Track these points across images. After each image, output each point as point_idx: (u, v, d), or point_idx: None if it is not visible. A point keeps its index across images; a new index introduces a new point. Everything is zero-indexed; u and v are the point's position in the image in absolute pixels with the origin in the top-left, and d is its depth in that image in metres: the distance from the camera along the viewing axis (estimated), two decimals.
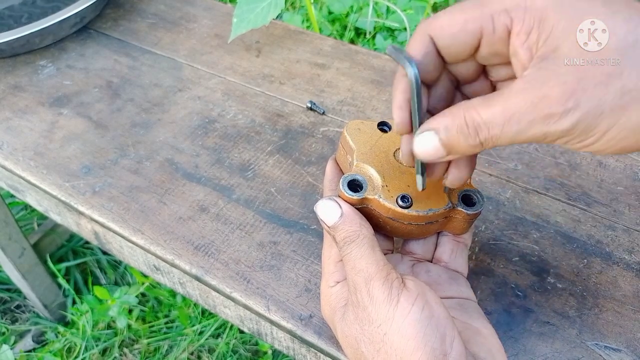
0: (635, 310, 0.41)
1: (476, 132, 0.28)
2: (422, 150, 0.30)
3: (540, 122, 0.26)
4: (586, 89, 0.25)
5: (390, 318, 0.31)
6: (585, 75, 0.25)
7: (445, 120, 0.29)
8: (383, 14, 1.33)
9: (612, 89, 0.25)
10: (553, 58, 0.26)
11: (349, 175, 0.36)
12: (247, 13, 0.65)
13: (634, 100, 0.25)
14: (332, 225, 0.34)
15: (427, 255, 0.40)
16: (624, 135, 0.25)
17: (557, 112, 0.25)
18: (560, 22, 0.26)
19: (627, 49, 0.25)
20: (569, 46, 0.26)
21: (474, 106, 0.28)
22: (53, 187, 0.53)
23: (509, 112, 0.26)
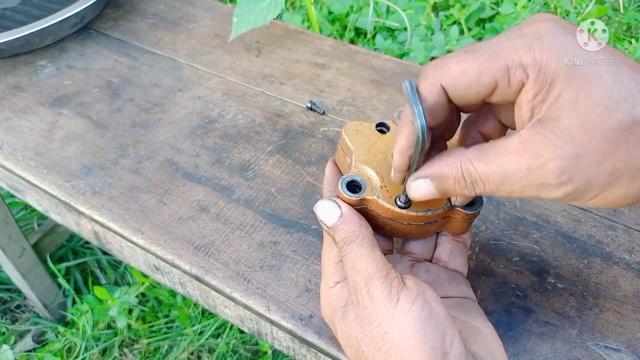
0: (635, 310, 0.41)
1: (473, 185, 0.29)
2: (416, 194, 0.32)
3: (534, 188, 0.28)
4: (580, 166, 0.27)
5: (390, 317, 0.31)
6: (582, 152, 0.26)
7: (441, 170, 0.30)
8: (383, 14, 1.33)
9: (603, 168, 0.26)
10: (552, 127, 0.27)
11: (347, 176, 0.36)
12: (247, 13, 0.65)
13: (619, 178, 0.27)
14: (332, 226, 0.34)
15: (426, 255, 0.40)
16: (605, 203, 0.28)
17: (552, 183, 0.27)
18: (567, 93, 0.26)
19: (624, 129, 0.26)
20: (569, 120, 0.26)
21: (470, 159, 0.29)
22: (53, 187, 0.53)
23: (505, 173, 0.28)
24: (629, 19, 1.34)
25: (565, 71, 0.27)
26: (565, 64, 0.27)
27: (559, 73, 0.27)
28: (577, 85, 0.26)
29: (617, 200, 0.28)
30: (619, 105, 0.26)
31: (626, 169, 0.26)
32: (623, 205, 0.28)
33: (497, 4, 1.32)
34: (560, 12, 1.30)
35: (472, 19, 1.31)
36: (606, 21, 1.35)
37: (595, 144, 0.26)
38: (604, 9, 1.20)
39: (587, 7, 1.26)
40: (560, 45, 0.27)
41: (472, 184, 0.29)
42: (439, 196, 0.32)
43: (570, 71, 0.27)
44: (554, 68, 0.27)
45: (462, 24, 1.28)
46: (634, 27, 1.37)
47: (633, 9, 1.38)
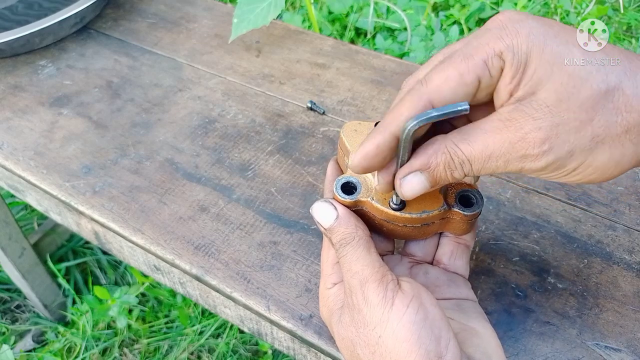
0: (635, 310, 0.41)
1: (461, 166, 0.30)
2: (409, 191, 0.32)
3: (517, 160, 0.29)
4: (559, 135, 0.27)
5: (385, 320, 0.31)
6: (560, 121, 0.27)
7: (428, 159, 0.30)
8: (383, 14, 1.33)
9: (582, 134, 0.27)
10: (530, 102, 0.28)
11: (342, 177, 0.36)
12: (248, 13, 0.65)
13: (600, 144, 0.28)
14: (328, 228, 0.34)
15: (427, 257, 0.39)
16: (590, 172, 0.29)
17: (533, 153, 0.28)
18: (541, 69, 0.28)
19: (599, 96, 0.27)
20: (546, 93, 0.28)
21: (455, 142, 0.30)
22: (53, 187, 0.53)
23: (488, 150, 0.29)
24: (629, 19, 1.34)
25: (536, 50, 0.28)
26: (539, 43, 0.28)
27: (530, 52, 0.28)
28: (550, 60, 0.27)
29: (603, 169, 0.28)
30: (591, 75, 0.27)
31: (605, 134, 0.27)
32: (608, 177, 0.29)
33: (497, 4, 1.32)
34: (561, 12, 1.30)
35: (472, 18, 1.31)
36: (606, 21, 1.35)
37: (572, 112, 0.27)
38: (604, 9, 1.20)
39: (587, 7, 1.26)
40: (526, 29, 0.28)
41: (461, 165, 0.30)
42: (431, 188, 0.31)
43: (541, 49, 0.28)
44: (525, 49, 0.28)
45: (462, 24, 1.28)
46: (634, 27, 1.37)
47: (633, 9, 1.38)
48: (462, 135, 0.30)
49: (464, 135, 0.30)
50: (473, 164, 0.30)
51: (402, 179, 0.32)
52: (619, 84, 0.27)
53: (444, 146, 0.30)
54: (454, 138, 0.30)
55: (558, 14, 1.29)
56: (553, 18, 1.27)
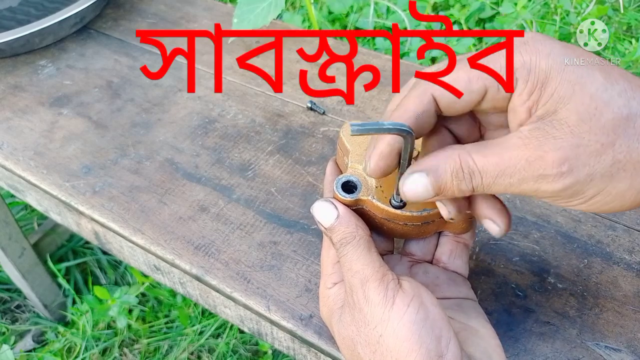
0: (635, 310, 0.41)
1: (470, 178, 0.29)
2: (411, 191, 0.30)
3: (532, 180, 0.27)
4: (580, 157, 0.26)
5: (386, 320, 0.31)
6: (581, 142, 0.26)
7: (437, 162, 0.29)
8: (383, 14, 1.33)
9: (604, 159, 0.26)
10: (550, 121, 0.27)
11: (343, 176, 0.36)
12: (248, 13, 0.65)
13: (621, 170, 0.27)
14: (329, 227, 0.34)
15: (427, 256, 0.40)
16: (609, 200, 0.27)
17: (551, 174, 0.27)
18: (561, 87, 0.27)
19: (621, 121, 0.26)
20: (567, 112, 0.27)
21: (469, 152, 0.29)
22: (53, 187, 0.53)
23: (503, 164, 0.28)
24: (629, 19, 1.34)
25: (557, 69, 0.27)
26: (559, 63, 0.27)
27: (550, 71, 0.27)
28: (572, 80, 0.27)
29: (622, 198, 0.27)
30: (613, 99, 0.26)
31: (627, 160, 0.26)
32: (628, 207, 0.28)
33: (497, 4, 1.32)
34: (561, 12, 1.30)
35: (472, 19, 1.31)
36: (606, 21, 1.35)
37: (594, 135, 0.26)
38: (604, 9, 1.20)
39: (587, 7, 1.26)
40: (548, 48, 0.28)
41: (470, 176, 0.29)
42: (432, 194, 0.30)
43: (562, 68, 0.27)
44: (545, 67, 0.27)
45: (462, 24, 1.28)
46: (634, 27, 1.37)
47: (633, 9, 1.38)
48: (478, 147, 0.29)
49: (480, 147, 0.29)
50: (484, 176, 0.28)
51: (406, 176, 0.31)
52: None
53: (457, 153, 0.29)
54: (470, 148, 0.29)
55: (558, 14, 1.29)
56: (553, 18, 1.27)
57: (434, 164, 0.30)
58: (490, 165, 0.28)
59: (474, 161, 0.28)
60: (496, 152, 0.28)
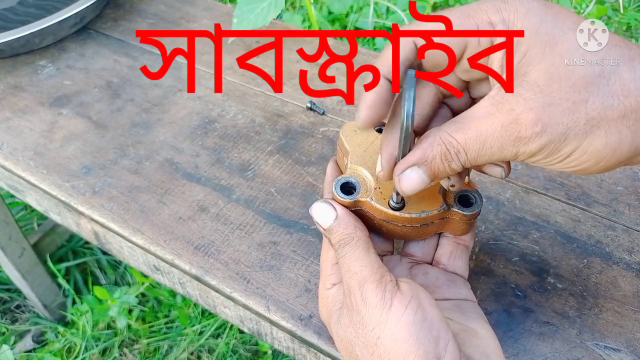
0: (635, 310, 0.41)
1: (457, 156, 0.29)
2: (408, 187, 0.31)
3: (511, 144, 0.28)
4: (552, 116, 0.27)
5: (384, 322, 0.31)
6: (552, 101, 0.27)
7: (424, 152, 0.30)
8: (383, 14, 1.33)
9: (576, 116, 0.26)
10: (520, 82, 0.27)
11: (342, 177, 0.36)
12: (247, 13, 0.65)
13: (595, 128, 0.27)
14: (327, 228, 0.34)
15: (426, 257, 0.39)
16: (585, 159, 0.28)
17: (526, 135, 0.27)
18: (534, 48, 0.27)
19: (593, 78, 0.26)
20: (537, 73, 0.27)
21: (449, 132, 0.29)
22: (53, 187, 0.53)
23: (482, 136, 0.28)
24: (629, 19, 1.34)
25: (531, 29, 0.27)
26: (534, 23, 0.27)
27: (524, 31, 0.27)
28: (544, 41, 0.27)
29: (598, 156, 0.27)
30: (584, 57, 0.26)
31: (601, 117, 0.27)
32: (604, 166, 0.28)
33: None
34: None
35: None
36: (606, 21, 1.35)
37: (565, 93, 0.26)
38: (604, 9, 1.20)
39: (587, 7, 1.26)
40: (525, 8, 0.28)
41: (457, 155, 0.29)
42: (430, 182, 0.31)
43: (536, 29, 0.27)
44: (520, 27, 0.27)
45: None
46: (634, 27, 1.37)
47: (633, 9, 1.38)
48: (456, 125, 0.29)
49: (458, 125, 0.29)
50: (468, 152, 0.29)
51: (400, 175, 0.31)
52: (614, 68, 0.26)
53: (439, 137, 0.29)
54: (448, 128, 0.29)
55: None
56: None
57: (421, 155, 0.30)
58: (471, 140, 0.29)
59: (456, 140, 0.29)
60: (473, 125, 0.29)
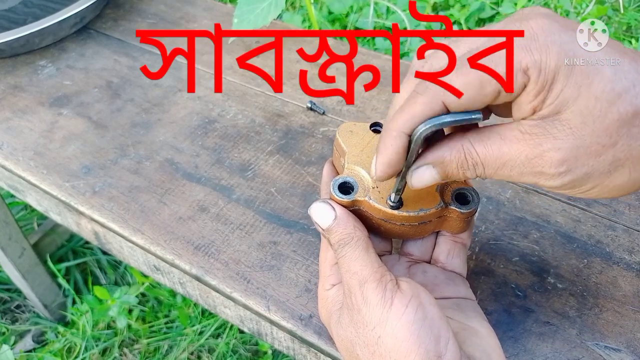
0: (635, 310, 0.41)
1: (474, 168, 0.30)
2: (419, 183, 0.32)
3: (532, 175, 0.28)
4: (579, 158, 0.27)
5: (384, 320, 0.31)
6: (582, 144, 0.27)
7: (443, 155, 0.30)
8: (383, 14, 1.33)
9: (603, 159, 0.27)
10: (552, 120, 0.27)
11: (339, 177, 0.36)
12: (248, 13, 0.65)
13: (620, 167, 0.27)
14: (327, 228, 0.34)
15: (425, 256, 0.40)
16: (606, 192, 0.28)
17: (549, 173, 0.28)
18: (568, 89, 0.27)
19: (626, 120, 0.26)
20: (570, 114, 0.27)
21: (471, 142, 0.29)
22: (53, 187, 0.53)
23: (504, 158, 0.28)
24: (629, 19, 1.34)
25: (565, 69, 0.27)
26: (565, 64, 0.26)
27: (558, 71, 0.27)
28: (578, 81, 0.26)
29: (619, 189, 0.28)
30: (620, 97, 0.26)
31: (626, 158, 0.27)
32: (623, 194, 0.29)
33: (497, 4, 1.32)
34: (560, 12, 1.30)
35: (472, 19, 1.31)
36: (606, 21, 1.35)
37: (596, 137, 0.26)
38: (604, 9, 1.20)
39: (587, 7, 1.26)
40: (558, 44, 0.27)
41: (474, 166, 0.30)
42: (440, 181, 0.31)
43: (570, 68, 0.27)
44: (554, 67, 0.27)
45: (462, 24, 1.28)
46: (634, 27, 1.37)
47: (633, 9, 1.38)
48: (480, 137, 0.29)
49: (482, 137, 0.29)
50: (486, 167, 0.29)
51: (414, 170, 0.31)
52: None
53: (460, 145, 0.30)
54: (472, 138, 0.30)
55: (558, 14, 1.29)
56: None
57: (439, 155, 0.30)
58: (492, 157, 0.29)
59: (476, 152, 0.29)
60: (497, 144, 0.29)
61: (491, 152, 0.29)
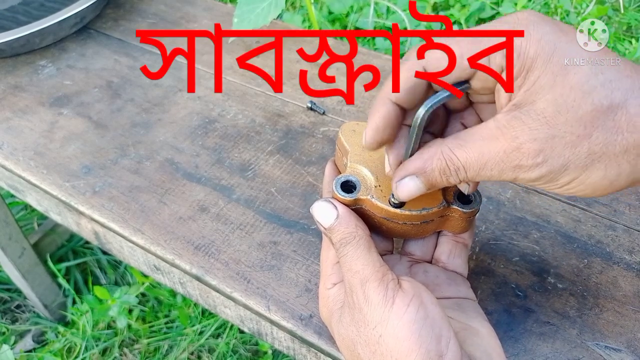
0: (635, 310, 0.41)
1: (457, 173, 0.30)
2: (404, 194, 0.32)
3: (511, 170, 0.28)
4: (555, 148, 0.27)
5: (386, 320, 0.31)
6: (557, 133, 0.27)
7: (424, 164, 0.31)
8: (383, 14, 1.33)
9: (579, 150, 0.27)
10: (527, 110, 0.27)
11: (342, 176, 0.36)
12: (248, 13, 0.65)
13: (595, 161, 0.27)
14: (329, 227, 0.34)
15: (426, 256, 0.40)
16: (582, 188, 0.28)
17: (527, 164, 0.28)
18: (544, 77, 0.27)
19: (600, 113, 0.26)
20: (545, 103, 0.27)
21: (450, 148, 0.30)
22: (53, 187, 0.53)
23: (484, 158, 0.29)
24: (629, 19, 1.34)
25: (543, 57, 0.27)
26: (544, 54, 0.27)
27: (537, 58, 0.27)
28: (555, 70, 0.27)
29: (595, 186, 0.28)
30: (595, 90, 0.26)
31: (602, 152, 0.27)
32: (600, 194, 0.29)
33: (497, 4, 1.32)
34: (561, 12, 1.30)
35: (472, 19, 1.31)
36: (606, 21, 1.35)
37: (570, 126, 0.26)
38: (604, 9, 1.20)
39: (587, 7, 1.26)
40: (539, 33, 0.27)
41: (456, 172, 0.30)
42: (426, 190, 0.32)
43: (548, 57, 0.27)
44: (532, 54, 0.27)
45: (462, 24, 1.28)
46: (634, 27, 1.37)
47: (633, 9, 1.38)
48: (459, 141, 0.30)
49: (460, 142, 0.30)
50: (468, 171, 0.29)
51: (398, 182, 0.32)
52: (623, 102, 0.26)
53: (440, 152, 0.30)
54: (450, 144, 0.30)
55: (558, 14, 1.29)
56: (553, 18, 1.27)
57: (420, 165, 0.31)
58: (472, 160, 0.29)
59: (457, 158, 0.29)
60: (476, 146, 0.29)
61: (471, 154, 0.29)
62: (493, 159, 0.28)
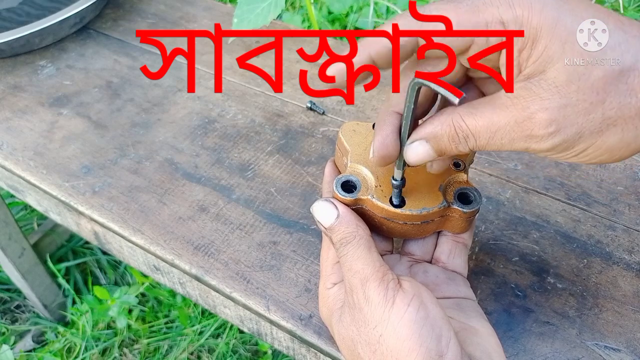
0: (635, 310, 0.41)
1: (466, 140, 0.30)
2: (414, 158, 0.32)
3: (522, 139, 0.28)
4: (568, 116, 0.26)
5: (386, 319, 0.31)
6: (569, 102, 0.26)
7: (434, 129, 0.30)
8: (383, 14, 1.33)
9: (593, 117, 0.26)
10: (538, 80, 0.27)
11: (342, 176, 0.36)
12: (248, 13, 0.65)
13: (611, 126, 0.26)
14: (329, 227, 0.34)
15: (426, 256, 0.40)
16: (600, 153, 0.28)
17: (539, 134, 0.27)
18: (552, 46, 0.26)
19: (612, 77, 0.26)
20: (555, 72, 0.26)
21: (461, 115, 0.29)
22: (53, 187, 0.53)
23: (494, 127, 0.28)
24: None
25: (548, 25, 0.26)
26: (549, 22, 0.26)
27: (541, 27, 0.26)
28: (562, 37, 0.26)
29: (612, 151, 0.27)
30: (605, 54, 0.26)
31: (617, 116, 0.26)
32: (618, 158, 0.28)
33: None
34: None
35: None
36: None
37: (582, 94, 0.26)
38: None
39: None
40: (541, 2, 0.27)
41: (465, 139, 0.30)
42: (436, 157, 0.31)
43: (553, 25, 0.26)
44: (536, 23, 0.27)
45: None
46: None
47: (633, 8, 1.38)
48: (469, 109, 0.29)
49: (471, 109, 0.29)
50: (477, 139, 0.29)
51: (408, 145, 0.32)
52: (634, 64, 0.26)
53: (450, 118, 0.30)
54: (461, 111, 0.29)
55: None
56: None
57: (430, 131, 0.31)
58: (482, 128, 0.29)
59: (466, 125, 0.29)
60: (487, 114, 0.28)
61: (481, 122, 0.29)
62: (504, 127, 0.28)
